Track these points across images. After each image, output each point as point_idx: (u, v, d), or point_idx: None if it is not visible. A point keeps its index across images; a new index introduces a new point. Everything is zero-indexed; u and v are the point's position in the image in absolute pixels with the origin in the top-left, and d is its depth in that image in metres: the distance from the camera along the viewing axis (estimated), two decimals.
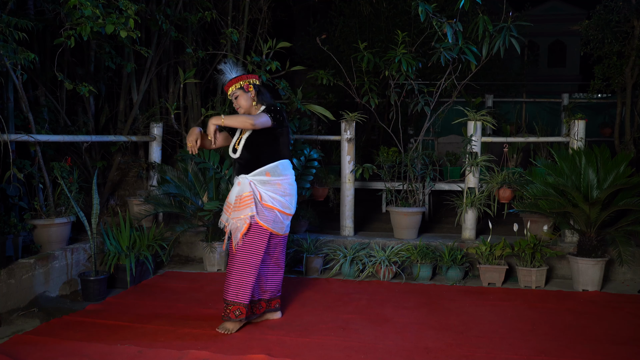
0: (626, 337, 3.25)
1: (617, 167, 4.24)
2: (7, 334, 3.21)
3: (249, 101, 3.45)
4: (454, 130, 7.56)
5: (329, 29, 8.71)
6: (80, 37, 4.04)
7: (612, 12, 6.33)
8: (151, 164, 5.43)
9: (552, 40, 19.94)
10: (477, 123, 4.91)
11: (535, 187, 4.37)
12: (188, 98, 6.09)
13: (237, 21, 6.06)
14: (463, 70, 5.12)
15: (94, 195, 4.11)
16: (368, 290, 4.22)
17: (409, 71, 4.84)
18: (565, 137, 4.96)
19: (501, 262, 4.47)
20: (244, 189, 3.30)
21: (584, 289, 4.25)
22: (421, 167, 5.20)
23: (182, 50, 5.92)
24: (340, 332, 3.31)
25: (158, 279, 4.51)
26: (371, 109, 5.34)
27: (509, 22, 4.56)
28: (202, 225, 4.83)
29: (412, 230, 5.05)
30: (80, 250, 4.30)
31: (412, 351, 3.02)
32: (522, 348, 3.07)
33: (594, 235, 4.28)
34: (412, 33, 6.98)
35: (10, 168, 3.92)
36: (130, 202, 5.45)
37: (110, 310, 3.69)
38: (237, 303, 3.27)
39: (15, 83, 4.23)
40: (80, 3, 3.83)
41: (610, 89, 6.89)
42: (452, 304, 3.88)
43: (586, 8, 9.51)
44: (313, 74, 5.64)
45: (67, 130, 5.09)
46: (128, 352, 2.95)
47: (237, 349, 3.02)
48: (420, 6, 4.53)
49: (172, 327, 3.37)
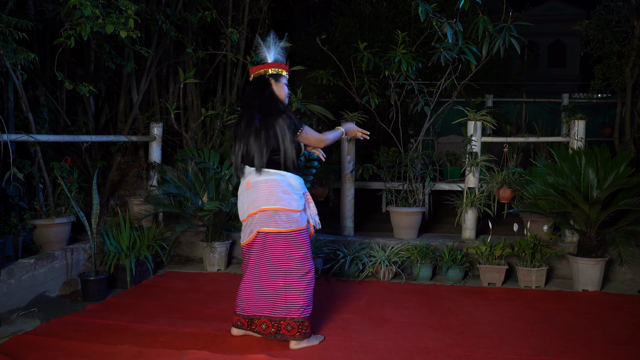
0: (626, 337, 3.25)
1: (617, 167, 4.24)
2: (7, 334, 3.21)
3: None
4: (454, 130, 7.57)
5: (329, 29, 8.72)
6: (80, 37, 4.05)
7: (612, 12, 6.33)
8: (151, 164, 5.43)
9: (552, 40, 19.96)
10: (477, 123, 4.91)
11: (535, 187, 4.37)
12: (188, 98, 6.09)
13: (237, 21, 6.07)
14: (463, 70, 5.12)
15: (94, 195, 4.11)
16: (368, 290, 4.22)
17: (409, 71, 4.84)
18: (565, 137, 4.96)
19: (501, 262, 4.47)
20: None
21: (584, 289, 4.25)
22: (421, 167, 5.20)
23: (182, 50, 5.92)
24: (340, 332, 3.31)
25: (158, 279, 4.51)
26: (371, 109, 5.34)
27: (509, 22, 4.56)
28: (202, 225, 4.83)
29: (412, 230, 5.05)
30: (80, 250, 4.30)
31: (412, 351, 3.02)
32: (522, 348, 3.07)
33: (594, 235, 4.28)
34: (412, 33, 6.98)
35: (10, 168, 3.91)
36: (130, 202, 5.45)
37: (110, 310, 3.69)
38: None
39: (15, 83, 4.23)
40: (80, 3, 3.84)
41: (610, 89, 6.90)
42: (452, 304, 3.88)
43: (586, 8, 9.51)
44: (313, 74, 5.64)
45: (67, 130, 5.09)
46: (128, 352, 2.95)
47: (237, 349, 3.02)
48: (420, 6, 4.53)
49: (172, 327, 3.36)
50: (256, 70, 3.15)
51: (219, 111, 5.77)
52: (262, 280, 3.07)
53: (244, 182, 3.11)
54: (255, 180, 3.04)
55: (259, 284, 3.08)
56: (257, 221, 3.03)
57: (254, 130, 3.02)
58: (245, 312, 3.12)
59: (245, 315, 3.13)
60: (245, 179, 3.10)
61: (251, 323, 3.14)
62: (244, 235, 3.13)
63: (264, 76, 3.13)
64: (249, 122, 3.05)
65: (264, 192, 3.01)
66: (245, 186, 3.09)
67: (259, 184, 3.02)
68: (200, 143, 5.75)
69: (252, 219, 3.05)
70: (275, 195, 2.99)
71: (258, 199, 3.02)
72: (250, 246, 3.10)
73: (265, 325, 3.08)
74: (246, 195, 3.08)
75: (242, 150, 3.07)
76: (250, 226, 3.08)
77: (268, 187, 3.01)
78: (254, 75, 3.16)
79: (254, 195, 3.03)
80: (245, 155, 3.07)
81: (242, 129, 3.08)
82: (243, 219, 3.13)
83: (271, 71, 3.13)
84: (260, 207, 3.00)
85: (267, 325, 3.07)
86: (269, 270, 3.06)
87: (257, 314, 3.10)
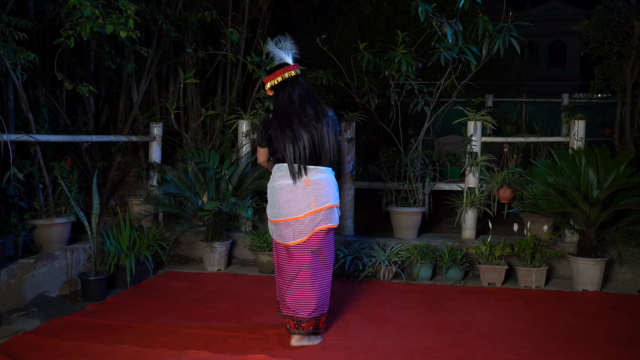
0: (626, 337, 3.25)
1: (617, 167, 4.23)
2: (7, 334, 3.21)
3: None
4: (454, 130, 7.56)
5: (329, 29, 8.71)
6: (80, 37, 4.05)
7: (612, 12, 6.33)
8: (151, 164, 5.43)
9: (552, 40, 19.95)
10: (477, 123, 4.91)
11: (535, 187, 4.37)
12: (188, 98, 6.09)
13: (237, 21, 6.06)
14: (463, 70, 5.12)
15: (94, 195, 4.11)
16: (368, 290, 4.22)
17: (409, 71, 4.84)
18: (565, 137, 4.96)
19: (501, 262, 4.47)
20: None
21: (584, 289, 4.25)
22: (421, 167, 5.20)
23: (182, 50, 5.92)
24: (340, 332, 3.31)
25: (158, 279, 4.51)
26: (371, 109, 5.34)
27: (509, 22, 4.56)
28: (202, 225, 4.83)
29: (412, 230, 5.05)
30: (80, 250, 4.30)
31: (412, 351, 3.02)
32: (522, 348, 3.07)
33: (594, 235, 4.28)
34: (412, 33, 6.98)
35: (10, 168, 3.91)
36: (130, 202, 5.45)
37: (110, 310, 3.69)
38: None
39: (15, 83, 4.23)
40: (80, 3, 3.84)
41: (610, 89, 6.89)
42: (452, 304, 3.88)
43: (586, 8, 9.51)
44: (313, 74, 5.64)
45: (67, 130, 5.09)
46: (128, 352, 2.95)
47: (237, 349, 3.02)
48: (420, 6, 4.53)
49: (172, 327, 3.37)
50: (285, 71, 3.14)
51: (219, 111, 5.77)
52: (316, 277, 3.12)
53: (301, 180, 3.07)
54: (316, 178, 3.08)
55: (315, 282, 3.12)
56: (322, 218, 3.08)
57: (312, 128, 3.07)
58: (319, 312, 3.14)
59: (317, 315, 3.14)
60: (303, 178, 3.08)
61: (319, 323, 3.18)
62: (296, 235, 3.08)
63: (296, 77, 3.16)
64: (302, 123, 3.08)
65: (327, 189, 3.10)
66: (304, 184, 3.06)
67: (322, 182, 3.09)
68: (200, 143, 5.75)
69: (316, 215, 3.07)
70: (335, 192, 3.17)
71: (323, 195, 3.08)
72: (305, 245, 3.08)
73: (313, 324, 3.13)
74: (303, 194, 3.06)
75: (299, 150, 3.05)
76: (309, 224, 3.06)
77: (329, 183, 3.13)
78: (285, 77, 3.14)
79: (318, 192, 3.07)
80: (307, 155, 3.07)
81: (294, 130, 3.06)
82: (297, 216, 3.07)
83: (294, 72, 3.16)
84: (327, 203, 3.09)
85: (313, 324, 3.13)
86: (322, 267, 3.17)
87: (324, 311, 3.19)
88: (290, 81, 3.14)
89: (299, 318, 3.06)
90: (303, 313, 3.05)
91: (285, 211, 3.08)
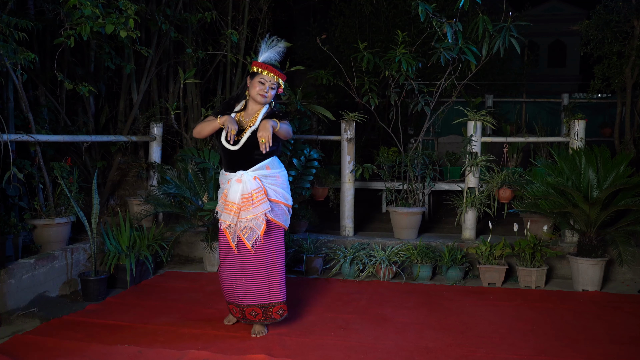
0: (626, 337, 3.25)
1: (617, 167, 4.24)
2: (7, 334, 3.21)
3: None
4: (454, 130, 7.56)
5: (329, 29, 8.71)
6: (80, 37, 4.04)
7: (612, 12, 6.32)
8: (151, 164, 5.43)
9: (552, 40, 19.94)
10: (477, 123, 4.91)
11: (535, 187, 4.37)
12: (188, 98, 6.09)
13: (237, 21, 6.06)
14: (463, 70, 5.12)
15: (94, 195, 4.11)
16: (368, 290, 4.22)
17: (409, 71, 4.84)
18: (565, 137, 4.96)
19: (501, 262, 4.47)
20: (251, 186, 3.15)
21: (584, 289, 4.25)
22: (421, 167, 5.20)
23: (182, 50, 5.92)
24: (340, 332, 3.31)
25: (158, 279, 4.51)
26: (371, 109, 5.34)
27: (508, 22, 4.56)
28: (202, 225, 4.83)
29: (412, 230, 5.05)
30: (80, 250, 4.30)
31: (412, 351, 3.02)
32: (522, 348, 3.07)
33: (594, 235, 4.28)
34: (412, 33, 6.98)
35: (10, 168, 3.92)
36: (130, 202, 5.45)
37: (110, 310, 3.69)
38: (282, 302, 3.29)
39: (15, 83, 4.23)
40: (80, 3, 3.83)
41: (610, 89, 6.89)
42: (452, 304, 3.88)
43: (586, 8, 9.52)
44: (313, 74, 5.63)
45: (67, 130, 5.09)
46: (128, 352, 2.95)
47: (237, 349, 3.02)
48: (420, 6, 4.53)
49: (172, 327, 3.37)
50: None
51: None
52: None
53: None
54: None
55: None
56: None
57: None
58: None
59: None
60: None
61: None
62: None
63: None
64: None
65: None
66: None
67: None
68: (200, 143, 5.74)
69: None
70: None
71: None
72: None
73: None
74: None
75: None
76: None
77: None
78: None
79: None
80: None
81: None
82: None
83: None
84: None
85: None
86: None
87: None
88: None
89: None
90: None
91: None
